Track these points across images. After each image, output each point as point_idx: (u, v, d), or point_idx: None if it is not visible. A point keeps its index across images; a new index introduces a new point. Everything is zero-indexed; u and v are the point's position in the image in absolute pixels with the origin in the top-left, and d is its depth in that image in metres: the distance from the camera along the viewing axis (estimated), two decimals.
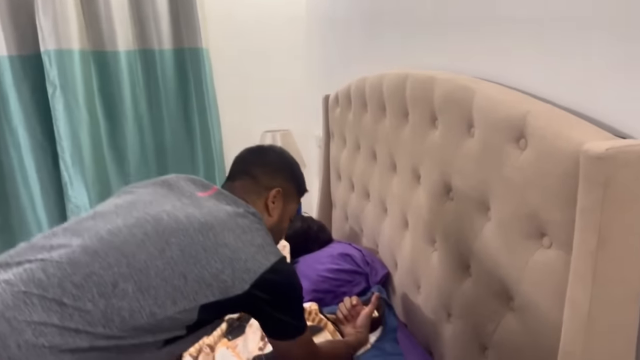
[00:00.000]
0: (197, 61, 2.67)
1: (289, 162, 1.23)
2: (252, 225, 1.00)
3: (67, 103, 2.43)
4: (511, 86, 1.14)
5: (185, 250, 0.91)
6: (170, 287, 0.88)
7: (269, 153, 1.21)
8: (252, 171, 1.15)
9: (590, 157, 0.79)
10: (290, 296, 1.01)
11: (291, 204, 1.20)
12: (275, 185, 1.15)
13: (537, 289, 0.96)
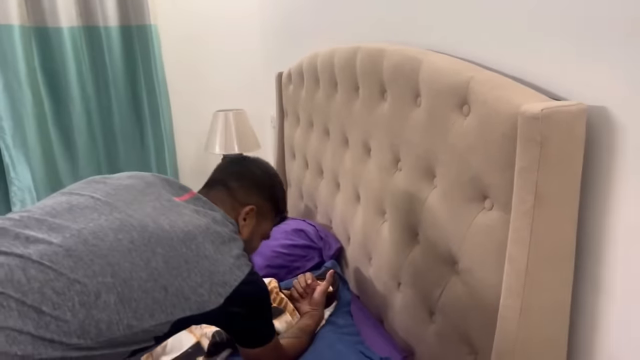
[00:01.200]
0: (145, 39, 2.59)
1: (270, 179, 1.18)
2: (230, 235, 0.98)
3: (7, 81, 2.32)
4: (459, 56, 1.16)
5: (169, 262, 0.87)
6: (151, 300, 0.84)
7: (251, 167, 1.17)
8: (229, 183, 1.12)
9: (527, 118, 0.81)
10: (262, 306, 1.01)
11: (265, 223, 1.17)
12: (250, 201, 1.11)
13: (480, 251, 0.99)
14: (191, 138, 2.85)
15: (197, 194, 1.05)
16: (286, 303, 1.38)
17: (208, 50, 2.81)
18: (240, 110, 2.63)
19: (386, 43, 1.39)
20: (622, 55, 0.79)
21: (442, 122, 1.07)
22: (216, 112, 2.61)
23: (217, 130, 2.58)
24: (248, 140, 2.62)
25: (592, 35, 0.83)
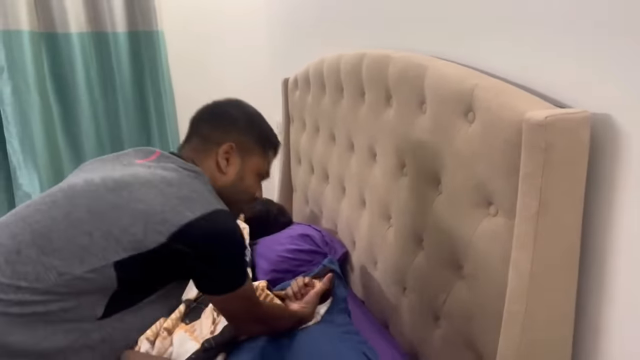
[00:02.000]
0: (152, 45, 2.62)
1: (246, 113, 1.14)
2: (183, 179, 0.96)
3: (16, 86, 2.35)
4: (463, 63, 1.17)
5: (92, 210, 0.90)
6: (75, 246, 0.87)
7: (223, 108, 1.13)
8: (202, 130, 1.10)
9: (531, 125, 0.82)
10: (219, 247, 0.94)
11: (253, 158, 1.12)
12: (226, 140, 1.07)
13: (484, 256, 1.00)
14: None
15: (163, 153, 1.05)
16: (272, 299, 1.38)
17: (214, 56, 2.84)
18: None
19: (392, 50, 1.40)
20: (627, 63, 0.80)
21: (447, 128, 1.08)
22: None
23: None
24: None
25: (596, 43, 0.84)
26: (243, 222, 1.86)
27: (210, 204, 0.95)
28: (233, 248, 0.97)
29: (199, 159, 1.06)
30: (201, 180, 1.00)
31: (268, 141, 1.16)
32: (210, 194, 0.99)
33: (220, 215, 0.95)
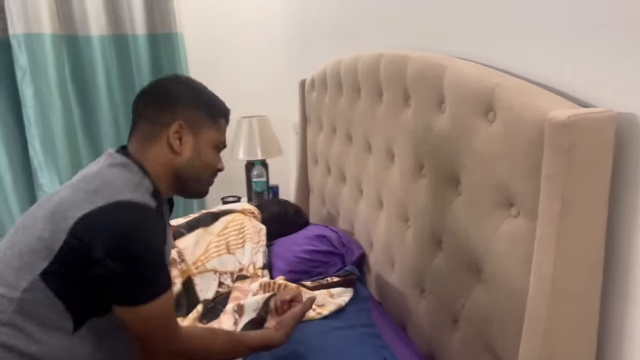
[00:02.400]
0: (172, 47, 2.64)
1: (189, 87, 1.08)
2: (102, 172, 0.93)
3: (38, 88, 2.38)
4: (483, 63, 1.15)
5: (25, 229, 0.91)
6: (13, 269, 0.89)
7: (163, 86, 1.07)
8: (147, 113, 1.04)
9: (554, 125, 0.81)
10: (118, 242, 0.84)
11: (205, 132, 1.06)
12: (174, 119, 1.02)
13: (505, 259, 0.98)
14: None
15: (110, 152, 1.02)
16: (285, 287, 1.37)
17: (232, 58, 2.85)
18: (263, 117, 2.66)
19: (409, 50, 1.39)
20: None
21: (467, 128, 1.07)
22: (240, 119, 2.64)
23: (241, 136, 2.61)
24: (271, 146, 2.64)
25: (621, 41, 0.82)
26: (260, 222, 1.86)
27: (116, 194, 0.88)
28: (134, 245, 0.86)
29: (149, 144, 1.01)
30: (127, 170, 0.95)
31: (217, 111, 1.10)
32: (127, 185, 0.91)
33: (122, 206, 0.87)
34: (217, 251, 1.67)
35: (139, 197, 0.91)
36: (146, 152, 1.01)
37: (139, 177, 0.96)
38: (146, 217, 0.90)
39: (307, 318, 1.30)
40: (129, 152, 1.02)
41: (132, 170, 0.96)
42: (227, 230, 1.74)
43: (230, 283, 1.59)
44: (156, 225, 0.92)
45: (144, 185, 0.96)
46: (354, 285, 1.45)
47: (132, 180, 0.94)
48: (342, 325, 1.30)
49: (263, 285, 1.42)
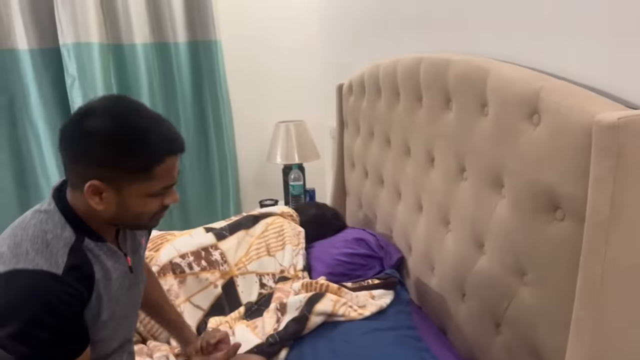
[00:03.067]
0: (210, 54, 2.71)
1: (113, 131, 0.87)
2: (15, 230, 0.90)
3: (86, 96, 2.47)
4: (525, 65, 1.15)
5: None
6: None
7: (81, 128, 0.88)
8: (65, 158, 0.92)
9: (602, 127, 0.80)
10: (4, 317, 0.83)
11: (132, 188, 0.90)
12: (88, 176, 0.87)
13: (551, 262, 0.98)
14: (253, 149, 2.94)
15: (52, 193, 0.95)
16: (327, 286, 1.39)
17: (270, 63, 2.90)
18: (300, 122, 2.69)
19: (450, 53, 1.39)
20: None
21: (510, 131, 1.07)
22: (278, 124, 2.68)
23: (279, 141, 2.65)
24: (308, 150, 2.67)
25: None
26: (298, 225, 1.89)
27: (16, 261, 0.86)
28: (21, 318, 0.83)
29: (74, 191, 0.93)
30: (47, 221, 0.90)
31: (150, 159, 0.89)
32: (33, 246, 0.87)
33: (16, 276, 0.85)
34: (258, 254, 1.71)
35: (39, 262, 0.86)
36: (75, 199, 0.93)
37: (57, 230, 0.90)
38: (39, 287, 0.85)
39: (348, 318, 1.31)
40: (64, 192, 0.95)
41: (54, 219, 0.91)
42: (267, 232, 1.78)
43: (272, 284, 1.62)
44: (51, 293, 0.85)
45: (61, 239, 0.89)
46: (395, 288, 1.46)
47: (45, 237, 0.88)
48: (384, 327, 1.31)
49: (305, 285, 1.45)
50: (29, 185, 2.60)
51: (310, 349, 1.25)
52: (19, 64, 2.45)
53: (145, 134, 0.89)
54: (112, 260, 0.98)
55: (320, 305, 1.31)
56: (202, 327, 1.52)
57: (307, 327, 1.29)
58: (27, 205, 2.59)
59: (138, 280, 1.09)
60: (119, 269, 0.99)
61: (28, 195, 2.60)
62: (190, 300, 1.54)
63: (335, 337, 1.26)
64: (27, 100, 2.50)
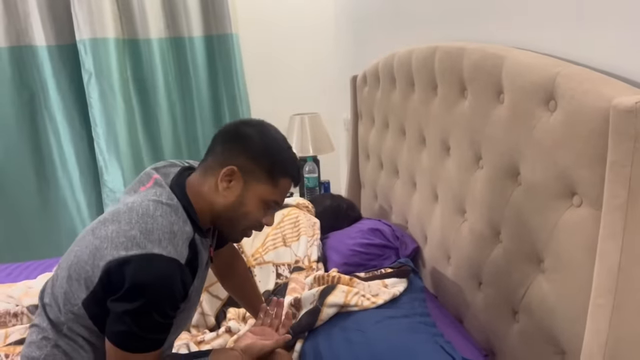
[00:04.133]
0: (227, 48, 2.73)
1: (265, 138, 1.07)
2: (148, 214, 0.95)
3: (102, 91, 2.52)
4: (540, 52, 1.14)
5: (78, 254, 0.98)
6: (63, 292, 0.98)
7: (241, 128, 1.08)
8: (215, 147, 1.07)
9: (620, 111, 0.80)
10: (130, 292, 0.90)
11: (258, 185, 1.05)
12: (232, 162, 1.03)
13: (568, 248, 0.97)
14: None
15: (157, 180, 1.04)
16: (339, 278, 1.40)
17: (284, 56, 2.91)
18: (315, 114, 2.70)
19: (465, 42, 1.38)
20: None
21: (526, 118, 1.06)
22: (292, 116, 2.69)
23: (294, 133, 2.66)
24: (322, 142, 2.68)
25: None
26: (314, 216, 1.90)
27: (151, 246, 0.92)
28: (146, 298, 0.91)
29: (206, 176, 1.05)
30: (171, 214, 0.98)
31: (280, 171, 1.07)
32: (164, 235, 0.94)
33: (152, 259, 0.91)
34: (274, 244, 1.72)
35: (172, 251, 0.93)
36: (202, 184, 1.05)
37: (180, 223, 0.98)
38: (170, 274, 0.93)
39: (361, 307, 1.32)
40: (183, 182, 1.05)
41: (177, 212, 0.99)
42: (282, 223, 1.79)
43: (287, 274, 1.63)
44: (178, 281, 0.95)
45: (184, 232, 0.98)
46: (408, 276, 1.46)
47: (172, 229, 0.96)
48: (397, 314, 1.31)
49: (317, 278, 1.46)
50: (48, 177, 2.65)
51: (324, 339, 1.26)
52: (38, 60, 2.50)
53: (286, 151, 1.09)
54: (205, 252, 1.07)
55: (332, 297, 1.32)
56: (221, 316, 1.54)
57: (320, 319, 1.29)
58: (47, 197, 2.64)
59: (207, 270, 1.16)
60: (205, 260, 1.08)
61: (48, 187, 2.65)
62: (208, 290, 1.56)
63: (349, 326, 1.26)
64: (47, 96, 2.55)
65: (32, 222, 2.65)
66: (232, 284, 1.39)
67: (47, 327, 1.01)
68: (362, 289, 1.38)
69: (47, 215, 2.67)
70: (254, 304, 1.38)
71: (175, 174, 1.08)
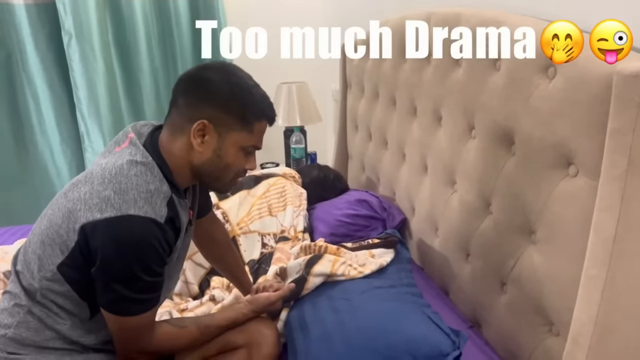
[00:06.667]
0: (212, 11, 2.63)
1: (229, 83, 0.98)
2: (122, 173, 0.91)
3: (83, 53, 2.42)
4: (539, 17, 1.10)
5: (50, 218, 0.95)
6: (37, 257, 0.95)
7: (202, 75, 0.99)
8: (178, 101, 1.00)
9: (624, 77, 0.77)
10: (114, 255, 0.89)
11: (233, 134, 0.99)
12: (200, 116, 0.96)
13: (561, 219, 0.96)
14: None
15: (132, 139, 0.98)
16: (326, 247, 1.38)
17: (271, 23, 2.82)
18: (302, 83, 2.64)
19: (462, 7, 1.34)
20: None
21: (524, 85, 1.03)
22: (279, 85, 2.63)
23: (280, 102, 2.60)
24: (310, 112, 2.63)
25: None
26: (300, 186, 1.87)
27: (126, 207, 0.88)
28: (129, 261, 0.90)
29: (176, 135, 0.99)
30: (147, 173, 0.93)
31: (253, 114, 1.00)
32: (140, 194, 0.90)
33: (128, 222, 0.88)
34: (259, 213, 1.69)
35: (148, 211, 0.90)
36: (173, 143, 0.99)
37: (157, 182, 0.94)
38: (149, 234, 0.90)
39: (348, 277, 1.30)
40: (156, 142, 1.00)
41: (153, 171, 0.94)
42: (268, 193, 1.76)
43: (273, 244, 1.61)
44: (159, 239, 0.92)
45: (161, 191, 0.94)
46: (395, 247, 1.45)
47: (149, 188, 0.92)
48: (384, 284, 1.29)
49: (304, 248, 1.43)
50: (27, 143, 2.56)
51: (310, 308, 1.24)
52: (15, 19, 2.38)
53: (255, 91, 1.01)
54: (184, 213, 1.02)
55: (319, 266, 1.30)
56: (205, 285, 1.51)
57: (306, 288, 1.27)
58: (26, 162, 2.56)
59: (190, 235, 1.12)
60: (185, 222, 1.03)
61: (27, 152, 2.57)
62: (192, 259, 1.53)
63: (336, 295, 1.25)
64: (24, 57, 2.44)
65: (11, 188, 2.57)
66: (212, 253, 1.35)
67: (19, 294, 0.97)
68: (349, 258, 1.36)
69: (26, 181, 2.59)
70: (236, 274, 1.35)
71: (148, 133, 1.03)
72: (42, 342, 0.96)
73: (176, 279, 1.17)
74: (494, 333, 1.22)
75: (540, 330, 1.05)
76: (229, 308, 1.21)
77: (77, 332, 0.98)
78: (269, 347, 1.18)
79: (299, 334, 1.17)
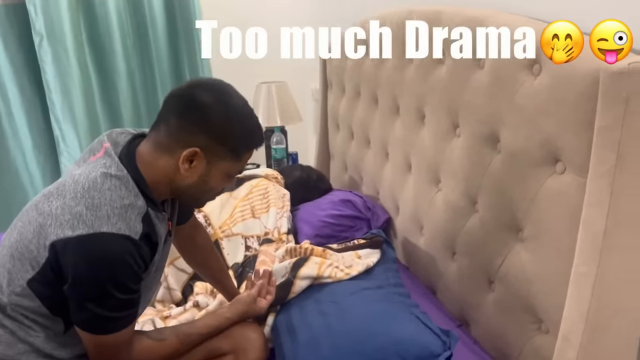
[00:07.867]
0: (188, 10, 2.59)
1: (224, 110, 0.95)
2: (95, 188, 0.88)
3: (56, 54, 2.35)
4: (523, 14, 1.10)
5: (21, 231, 0.92)
6: (6, 271, 0.92)
7: (198, 98, 0.94)
8: (170, 120, 0.94)
9: (611, 73, 0.77)
10: (86, 274, 0.86)
11: (224, 164, 0.97)
12: (192, 143, 0.92)
13: (549, 217, 0.96)
14: None
15: (107, 150, 0.94)
16: (312, 250, 1.36)
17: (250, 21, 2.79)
18: (282, 83, 2.61)
19: (443, 5, 1.33)
20: None
21: (508, 83, 1.03)
22: (259, 85, 2.60)
23: (260, 102, 2.57)
24: (290, 112, 2.60)
25: None
26: (283, 187, 1.85)
27: (99, 224, 0.86)
28: (102, 279, 0.87)
29: (161, 152, 0.95)
30: (121, 187, 0.90)
31: (246, 146, 0.99)
32: (114, 210, 0.87)
33: (100, 240, 0.85)
34: (242, 216, 1.66)
35: (122, 227, 0.87)
36: (156, 159, 0.95)
37: (132, 197, 0.90)
38: (123, 251, 0.88)
39: (335, 279, 1.28)
40: (133, 153, 0.96)
41: (127, 185, 0.91)
42: (251, 194, 1.73)
43: (257, 246, 1.58)
44: (134, 256, 0.89)
45: (136, 206, 0.90)
46: (381, 247, 1.44)
47: (123, 203, 0.89)
48: (372, 285, 1.28)
49: (289, 250, 1.41)
50: None
51: (297, 312, 1.22)
52: None
53: (249, 122, 0.98)
54: (162, 226, 0.99)
55: (305, 269, 1.28)
56: (188, 290, 1.47)
57: (292, 292, 1.25)
58: None
59: (169, 245, 1.09)
60: (164, 235, 1.00)
61: None
62: (174, 264, 1.49)
63: (323, 298, 1.23)
64: None
65: None
66: (195, 259, 1.32)
67: None
68: (336, 260, 1.34)
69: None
70: (220, 279, 1.32)
71: (125, 143, 0.98)
72: (15, 356, 0.92)
73: (154, 290, 1.14)
74: (482, 331, 1.22)
75: (529, 328, 1.05)
76: (211, 314, 1.19)
77: (51, 344, 0.94)
78: (256, 352, 1.15)
79: (286, 339, 1.15)
